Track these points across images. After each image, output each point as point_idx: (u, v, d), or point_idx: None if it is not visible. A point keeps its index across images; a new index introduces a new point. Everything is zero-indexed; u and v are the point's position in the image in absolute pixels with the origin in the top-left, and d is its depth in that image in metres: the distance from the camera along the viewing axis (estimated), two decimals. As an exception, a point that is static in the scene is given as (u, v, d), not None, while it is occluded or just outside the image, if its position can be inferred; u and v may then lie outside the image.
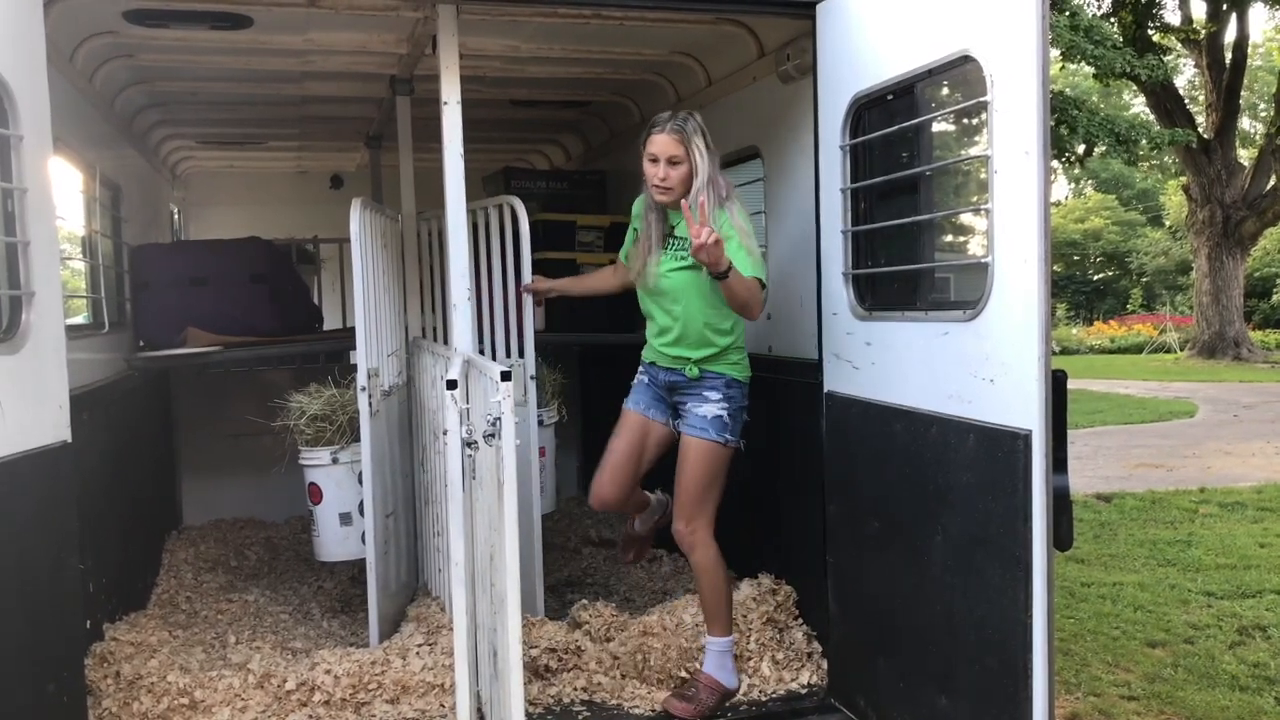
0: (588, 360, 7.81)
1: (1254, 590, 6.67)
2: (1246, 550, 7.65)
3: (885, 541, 3.90)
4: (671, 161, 4.03)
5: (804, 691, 4.49)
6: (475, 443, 3.95)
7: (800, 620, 4.82)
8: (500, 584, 3.27)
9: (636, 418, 4.39)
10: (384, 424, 5.23)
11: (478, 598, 3.86)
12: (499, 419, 3.19)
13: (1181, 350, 28.18)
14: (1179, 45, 26.73)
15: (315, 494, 5.38)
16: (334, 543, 5.39)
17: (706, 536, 4.23)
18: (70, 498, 3.53)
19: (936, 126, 4.05)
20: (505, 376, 3.17)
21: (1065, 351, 30.01)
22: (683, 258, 4.11)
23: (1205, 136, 25.18)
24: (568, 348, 7.35)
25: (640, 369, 4.45)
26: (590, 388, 7.75)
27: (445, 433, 3.97)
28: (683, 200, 3.95)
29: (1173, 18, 25.90)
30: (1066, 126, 18.66)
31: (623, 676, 4.54)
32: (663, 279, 4.19)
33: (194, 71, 5.80)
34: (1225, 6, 24.84)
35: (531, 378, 5.19)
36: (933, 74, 3.59)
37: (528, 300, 5.10)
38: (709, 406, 4.17)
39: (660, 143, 4.03)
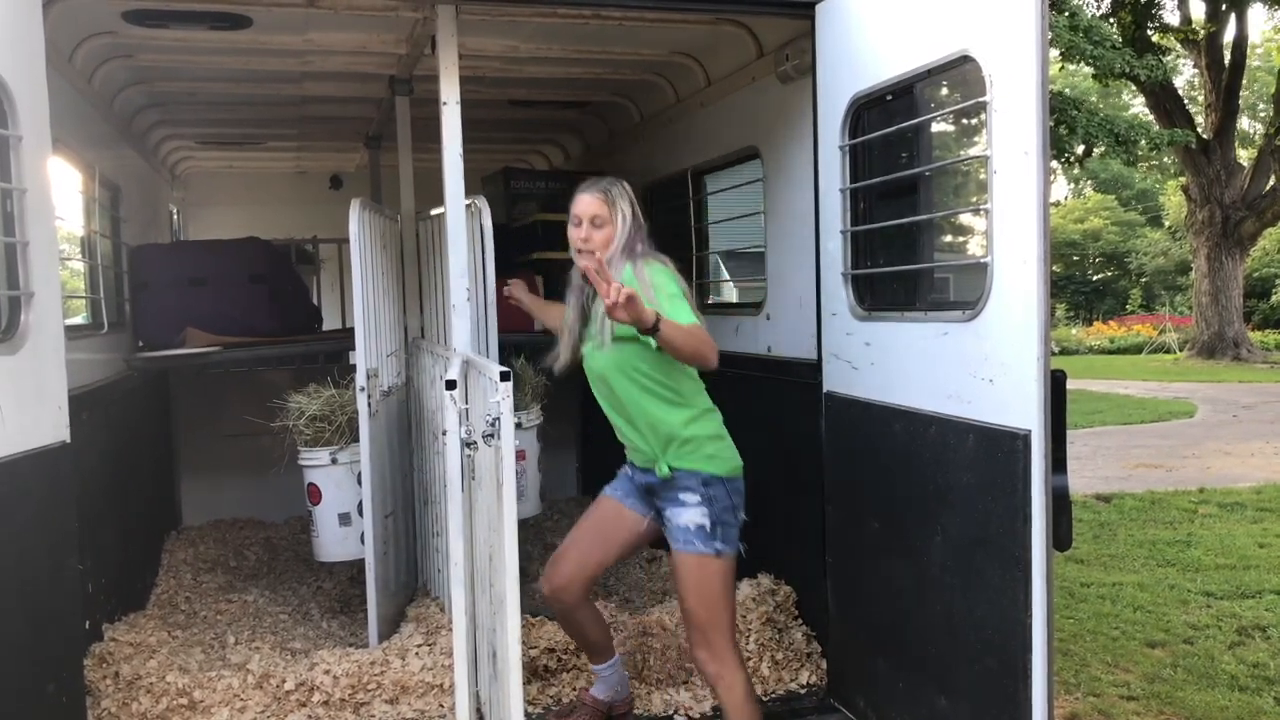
0: (587, 360, 7.80)
1: (1253, 590, 6.67)
2: (1246, 550, 7.65)
3: (885, 542, 3.90)
4: (594, 223, 3.67)
5: (803, 692, 4.50)
6: (474, 443, 3.95)
7: (800, 620, 4.82)
8: (499, 584, 3.27)
9: (611, 503, 3.91)
10: (383, 424, 5.23)
11: (477, 598, 3.86)
12: (498, 419, 3.19)
13: (1181, 350, 28.18)
14: (1178, 45, 26.74)
15: (314, 494, 5.38)
16: (333, 543, 5.39)
17: (734, 662, 3.62)
18: (69, 498, 3.53)
19: (936, 127, 4.05)
20: (505, 377, 3.16)
21: (1064, 352, 30.01)
22: (604, 333, 3.65)
23: (1204, 137, 25.19)
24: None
25: (625, 467, 3.97)
26: (589, 388, 7.74)
27: (444, 433, 3.98)
28: (588, 266, 3.52)
29: (1172, 18, 25.93)
30: (1066, 127, 18.67)
31: (622, 677, 4.53)
32: (591, 363, 3.74)
33: (193, 72, 5.79)
34: (1224, 7, 24.85)
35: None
36: (932, 74, 3.59)
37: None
38: (688, 514, 3.59)
39: (583, 203, 3.70)
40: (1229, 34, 25.53)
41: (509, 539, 3.13)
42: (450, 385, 3.70)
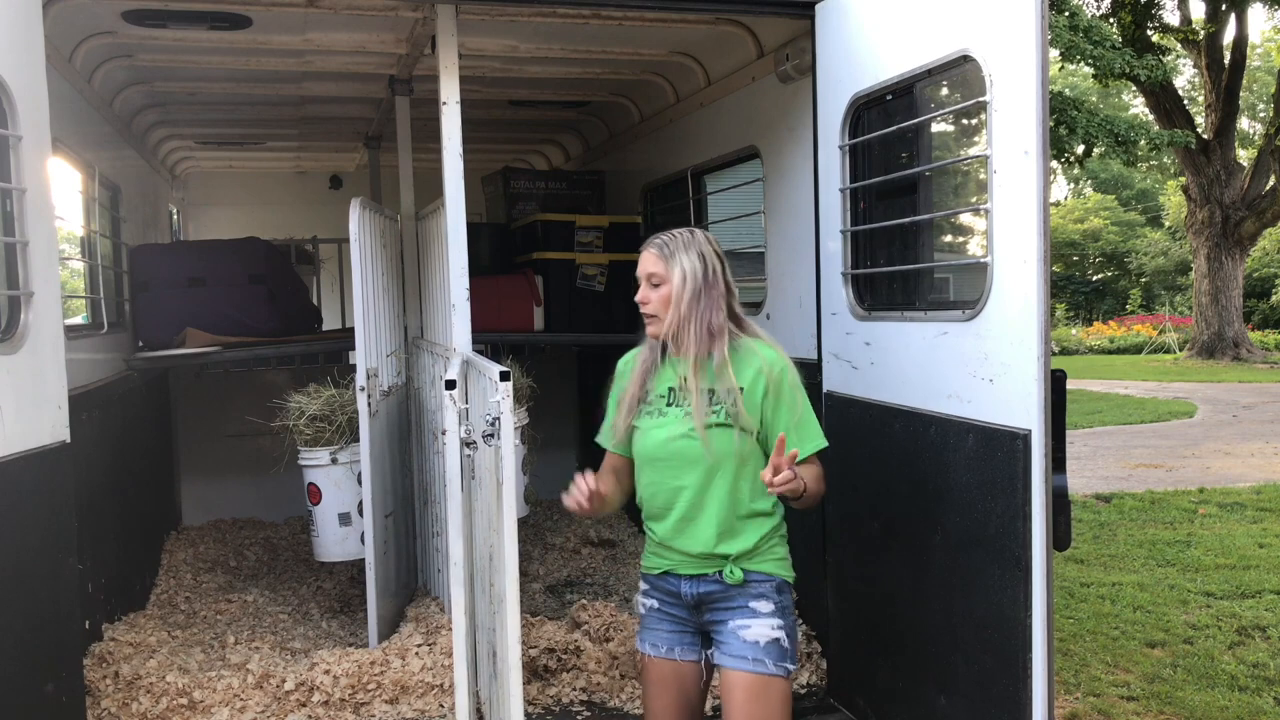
0: (586, 360, 7.81)
1: (1253, 590, 6.67)
2: (1245, 550, 7.65)
3: (885, 541, 3.90)
4: (651, 281, 3.11)
5: (804, 691, 4.49)
6: (474, 443, 3.95)
7: (800, 620, 4.82)
8: (499, 584, 3.27)
9: (663, 668, 3.12)
10: (383, 424, 5.23)
11: (477, 598, 3.86)
12: (498, 419, 3.19)
13: (1180, 351, 28.18)
14: (1178, 46, 26.75)
15: (314, 494, 5.38)
16: (333, 543, 5.39)
17: None
18: (69, 498, 3.53)
19: (935, 126, 4.05)
20: (504, 376, 3.16)
21: (1064, 352, 30.01)
22: (688, 413, 3.02)
23: (1204, 137, 25.19)
24: (566, 348, 7.37)
25: (642, 590, 3.22)
26: (588, 388, 7.75)
27: (444, 433, 3.98)
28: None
29: (1172, 18, 25.95)
30: (1066, 127, 18.67)
31: (622, 676, 4.53)
32: (651, 441, 3.08)
33: (193, 72, 5.80)
34: (1224, 7, 24.84)
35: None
36: (932, 74, 3.59)
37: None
38: (760, 625, 2.98)
39: (641, 259, 3.15)
40: (1229, 34, 25.54)
41: (509, 538, 3.13)
42: (450, 385, 3.70)
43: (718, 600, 3.04)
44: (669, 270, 3.07)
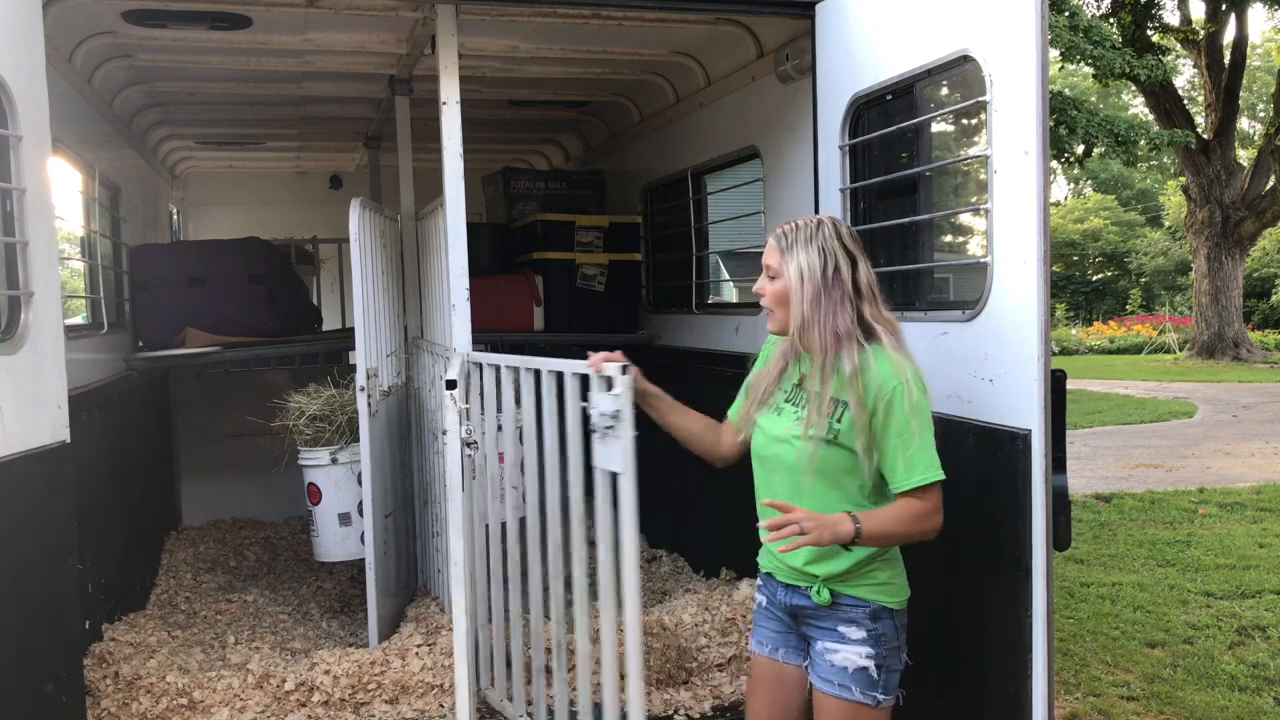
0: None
1: (1253, 590, 6.67)
2: (1245, 550, 7.65)
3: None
4: (768, 274, 2.94)
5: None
6: (474, 442, 3.94)
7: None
8: (627, 582, 3.26)
9: (765, 666, 3.07)
10: (383, 424, 5.23)
11: (576, 604, 3.75)
12: (618, 411, 3.11)
13: (1180, 351, 28.19)
14: (1178, 45, 26.76)
15: (314, 494, 5.38)
16: (333, 543, 5.39)
17: None
18: (69, 498, 3.52)
19: (935, 126, 4.04)
20: (624, 370, 3.09)
21: (1064, 352, 30.02)
22: (798, 418, 2.87)
23: (1204, 137, 25.20)
24: (566, 348, 7.35)
25: (759, 578, 3.16)
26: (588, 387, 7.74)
27: (445, 432, 3.98)
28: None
29: (1172, 18, 25.97)
30: (1066, 127, 18.68)
31: (622, 676, 4.53)
32: (764, 439, 2.96)
33: (193, 72, 5.80)
34: (1224, 7, 24.85)
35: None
36: (932, 74, 3.59)
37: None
38: (848, 652, 2.86)
39: (766, 249, 2.98)
40: (1229, 34, 25.56)
41: (629, 537, 3.10)
42: (451, 385, 3.69)
43: (810, 616, 2.94)
44: (784, 265, 2.87)
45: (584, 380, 3.35)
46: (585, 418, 3.30)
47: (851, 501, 2.82)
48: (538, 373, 3.71)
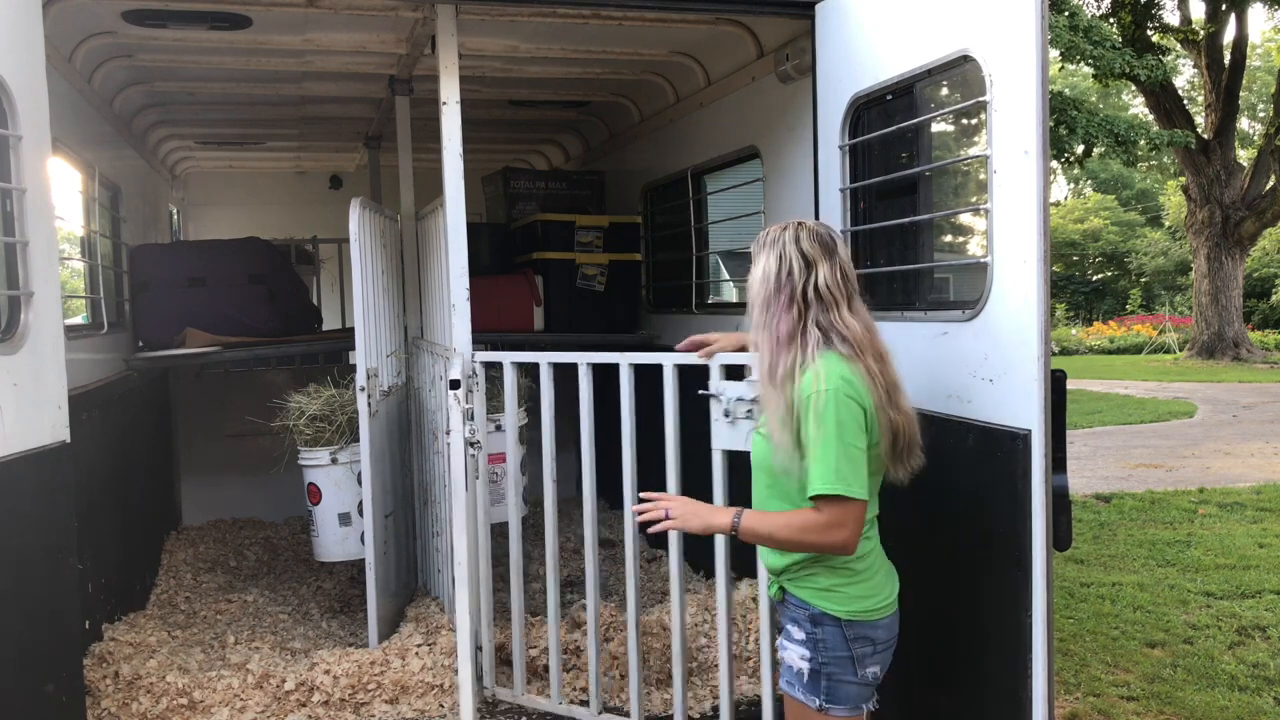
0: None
1: (1253, 590, 6.67)
2: (1245, 550, 7.65)
3: (884, 541, 3.89)
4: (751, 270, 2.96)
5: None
6: (477, 442, 3.94)
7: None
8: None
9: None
10: (383, 424, 5.23)
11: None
12: (753, 397, 3.07)
13: (1180, 351, 28.18)
14: (1178, 46, 26.75)
15: (314, 494, 5.38)
16: (333, 543, 5.39)
17: None
18: (69, 498, 3.53)
19: (935, 126, 4.04)
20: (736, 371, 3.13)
21: (1064, 352, 30.01)
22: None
23: (1204, 137, 25.19)
24: (566, 348, 7.34)
25: None
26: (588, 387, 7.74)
27: (448, 432, 3.98)
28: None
29: (1172, 18, 25.95)
30: (1065, 127, 18.67)
31: (622, 676, 4.53)
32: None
33: (193, 72, 5.80)
34: (1224, 7, 24.85)
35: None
36: (932, 74, 3.59)
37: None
38: (792, 650, 2.88)
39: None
40: (1229, 34, 25.55)
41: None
42: (454, 385, 3.69)
43: (778, 610, 3.01)
44: (752, 266, 2.87)
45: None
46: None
47: (790, 502, 2.81)
48: (660, 366, 3.94)
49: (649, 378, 4.09)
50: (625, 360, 4.15)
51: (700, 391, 3.69)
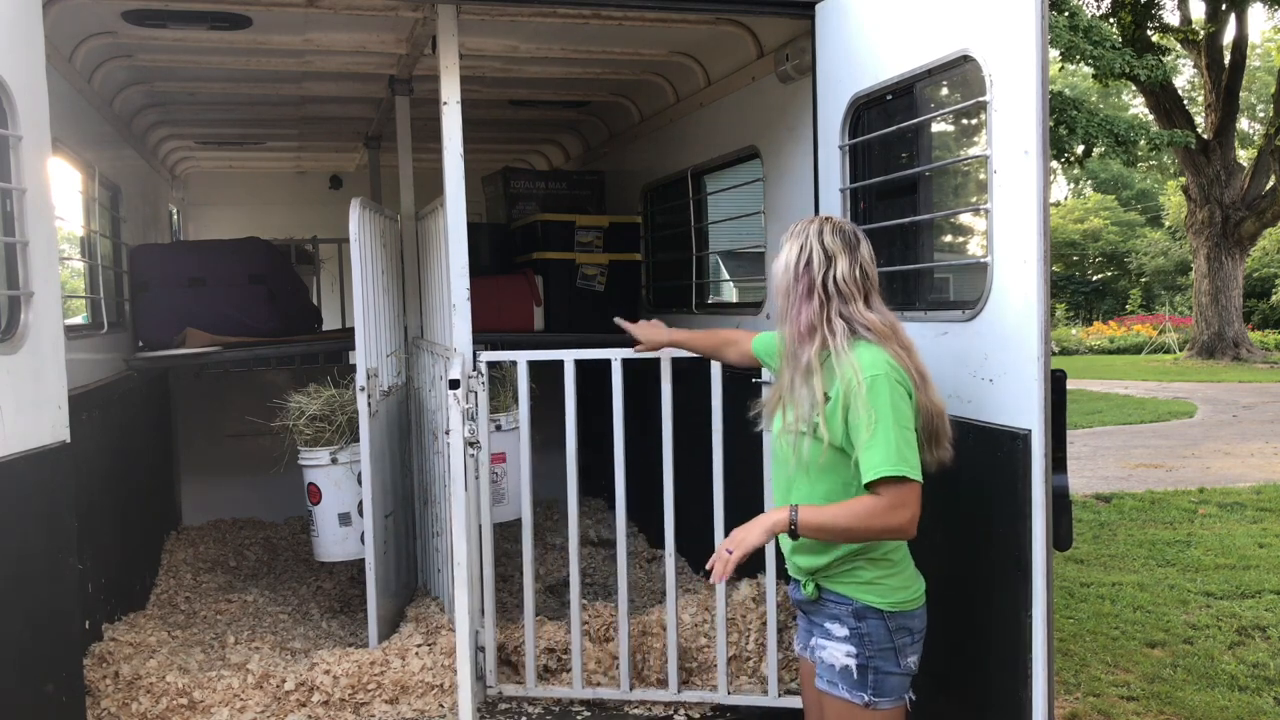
0: (585, 360, 7.80)
1: (1253, 590, 6.67)
2: (1245, 550, 7.65)
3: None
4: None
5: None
6: (477, 442, 3.95)
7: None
8: None
9: (803, 663, 3.14)
10: (383, 424, 5.23)
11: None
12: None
13: (1180, 351, 28.18)
14: (1178, 46, 26.76)
15: (314, 494, 5.38)
16: (333, 543, 5.39)
17: None
18: (69, 498, 3.53)
19: (935, 126, 4.04)
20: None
21: (1064, 352, 30.01)
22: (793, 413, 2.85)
23: (1204, 137, 25.19)
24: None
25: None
26: (587, 388, 7.74)
27: (448, 432, 3.98)
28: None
29: (1172, 18, 25.95)
30: (1065, 127, 18.67)
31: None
32: (775, 439, 2.98)
33: (193, 72, 5.80)
34: (1224, 7, 24.85)
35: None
36: (932, 74, 3.59)
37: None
38: (834, 648, 2.85)
39: None
40: (1229, 34, 25.55)
41: None
42: (454, 385, 3.69)
43: (808, 611, 2.97)
44: (776, 256, 2.92)
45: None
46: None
47: (836, 495, 2.79)
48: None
49: (648, 378, 4.10)
50: (616, 356, 4.18)
51: (754, 380, 3.86)
